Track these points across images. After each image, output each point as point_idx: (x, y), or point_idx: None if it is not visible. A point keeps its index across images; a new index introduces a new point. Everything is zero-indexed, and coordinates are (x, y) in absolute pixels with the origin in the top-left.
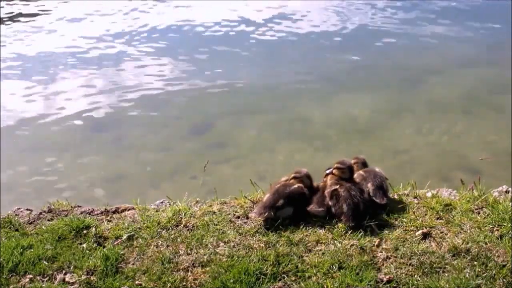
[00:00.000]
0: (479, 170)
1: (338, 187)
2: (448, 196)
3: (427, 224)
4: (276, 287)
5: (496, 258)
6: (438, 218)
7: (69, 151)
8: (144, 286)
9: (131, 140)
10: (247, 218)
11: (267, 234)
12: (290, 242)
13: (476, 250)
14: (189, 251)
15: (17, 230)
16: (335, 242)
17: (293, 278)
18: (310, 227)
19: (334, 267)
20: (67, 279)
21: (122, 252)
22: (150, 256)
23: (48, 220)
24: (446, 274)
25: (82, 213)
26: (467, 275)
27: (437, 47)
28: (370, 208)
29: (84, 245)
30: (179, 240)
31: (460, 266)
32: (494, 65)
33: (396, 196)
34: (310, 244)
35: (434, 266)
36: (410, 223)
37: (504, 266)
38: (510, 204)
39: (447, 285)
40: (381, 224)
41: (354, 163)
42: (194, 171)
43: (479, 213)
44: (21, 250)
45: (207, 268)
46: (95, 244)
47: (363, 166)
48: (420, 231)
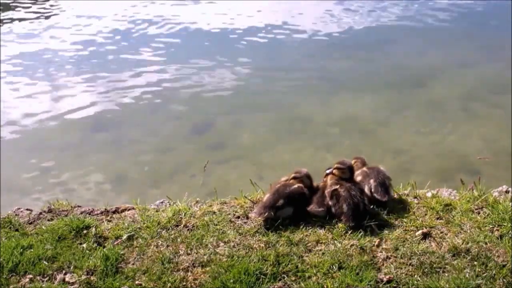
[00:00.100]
0: (479, 170)
1: (338, 187)
2: (448, 196)
3: (427, 224)
4: (276, 287)
5: (496, 258)
6: (438, 218)
7: (69, 151)
8: (144, 286)
9: (131, 140)
10: (247, 218)
11: (267, 234)
12: (290, 242)
13: (476, 250)
14: (189, 251)
15: (17, 230)
16: (335, 242)
17: (293, 278)
18: (310, 227)
19: (334, 267)
20: (67, 279)
21: (122, 252)
22: (150, 256)
23: (48, 220)
24: (446, 274)
25: (82, 213)
26: (467, 275)
27: (437, 47)
28: (370, 207)
29: (84, 245)
30: (179, 240)
31: (460, 266)
32: (494, 65)
33: (396, 196)
34: (310, 244)
35: (434, 266)
36: (410, 223)
37: (504, 266)
38: (510, 204)
39: (447, 285)
40: (381, 224)
41: (354, 163)
42: (194, 171)
43: (479, 213)
44: (21, 250)
45: (207, 268)
46: (95, 244)
47: (363, 166)
48: (420, 231)
